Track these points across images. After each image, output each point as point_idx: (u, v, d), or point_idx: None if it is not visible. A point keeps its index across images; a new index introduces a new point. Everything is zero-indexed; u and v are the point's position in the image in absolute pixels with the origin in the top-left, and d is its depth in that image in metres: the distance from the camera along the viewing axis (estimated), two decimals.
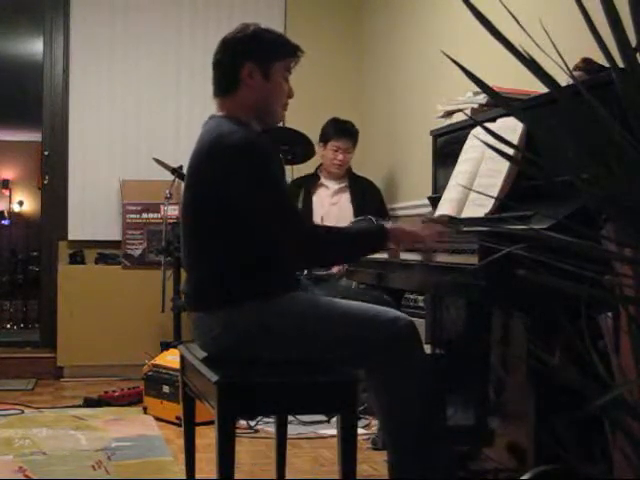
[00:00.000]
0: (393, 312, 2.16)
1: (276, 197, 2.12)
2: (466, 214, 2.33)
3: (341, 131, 4.32)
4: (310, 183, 4.39)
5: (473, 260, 1.85)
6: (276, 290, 2.14)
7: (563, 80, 1.37)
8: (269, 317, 2.09)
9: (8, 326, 8.39)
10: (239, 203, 2.10)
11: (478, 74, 1.21)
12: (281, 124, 2.87)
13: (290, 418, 3.16)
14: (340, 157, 4.31)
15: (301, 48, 2.28)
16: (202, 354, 2.23)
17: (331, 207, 4.32)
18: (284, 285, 2.18)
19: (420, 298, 3.55)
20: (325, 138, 4.34)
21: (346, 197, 4.37)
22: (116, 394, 3.95)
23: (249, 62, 2.22)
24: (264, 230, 2.11)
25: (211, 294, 2.15)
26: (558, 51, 1.24)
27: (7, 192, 12.36)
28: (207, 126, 2.24)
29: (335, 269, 3.82)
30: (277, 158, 2.28)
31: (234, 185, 2.09)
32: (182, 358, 2.43)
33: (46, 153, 5.01)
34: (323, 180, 4.41)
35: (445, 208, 2.43)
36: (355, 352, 2.11)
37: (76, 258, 4.88)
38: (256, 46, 2.23)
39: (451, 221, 2.36)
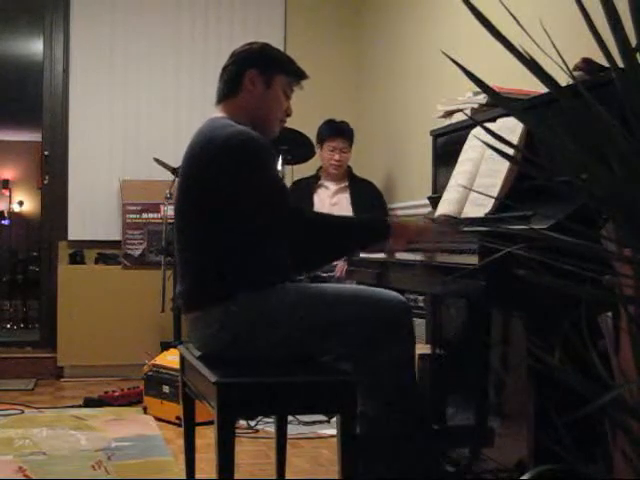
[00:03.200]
0: (386, 292, 2.17)
1: (266, 180, 2.14)
2: (466, 214, 2.33)
3: (335, 131, 4.35)
4: (311, 184, 4.41)
5: (473, 260, 1.85)
6: (270, 281, 2.14)
7: (563, 80, 1.37)
8: (265, 307, 2.10)
9: (8, 326, 8.39)
10: (230, 188, 2.11)
11: (478, 74, 1.21)
12: None
13: (290, 418, 3.16)
14: (337, 157, 4.33)
15: (306, 74, 2.33)
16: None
17: (331, 207, 4.33)
18: (277, 275, 2.18)
19: (420, 298, 3.55)
20: (320, 139, 4.37)
21: (346, 198, 4.38)
22: (116, 394, 3.95)
23: (253, 69, 2.28)
24: (254, 218, 2.12)
25: (207, 291, 2.16)
26: (558, 51, 1.24)
27: (7, 192, 12.34)
28: (202, 126, 2.25)
29: (337, 271, 3.81)
30: (272, 152, 2.28)
31: (225, 172, 2.10)
32: (182, 358, 2.43)
33: (46, 153, 5.01)
34: (323, 181, 4.43)
35: (445, 208, 2.43)
36: (353, 332, 2.12)
37: (76, 258, 4.89)
38: (262, 56, 2.31)
39: (451, 221, 2.36)
